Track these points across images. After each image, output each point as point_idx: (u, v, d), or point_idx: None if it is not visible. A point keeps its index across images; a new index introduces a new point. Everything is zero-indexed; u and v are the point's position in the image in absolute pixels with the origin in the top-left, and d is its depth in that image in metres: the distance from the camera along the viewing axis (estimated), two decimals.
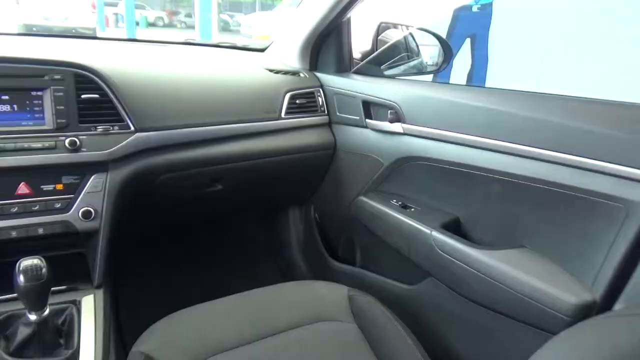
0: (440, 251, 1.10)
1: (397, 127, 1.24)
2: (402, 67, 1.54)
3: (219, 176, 1.32)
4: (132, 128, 1.10)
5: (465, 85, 3.44)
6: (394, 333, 0.99)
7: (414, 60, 1.60)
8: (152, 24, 19.51)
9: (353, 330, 1.01)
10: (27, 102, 1.02)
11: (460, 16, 4.85)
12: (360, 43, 1.59)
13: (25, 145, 0.99)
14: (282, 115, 1.36)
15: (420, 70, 1.60)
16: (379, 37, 1.56)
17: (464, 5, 4.80)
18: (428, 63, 1.61)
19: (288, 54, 1.55)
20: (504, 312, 1.00)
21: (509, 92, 1.11)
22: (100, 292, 1.04)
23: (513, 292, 0.96)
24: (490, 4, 4.75)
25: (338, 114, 1.44)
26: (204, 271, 1.72)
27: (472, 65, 4.96)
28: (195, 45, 1.75)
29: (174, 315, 1.00)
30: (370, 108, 1.35)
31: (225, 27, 17.75)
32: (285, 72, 1.46)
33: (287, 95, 1.38)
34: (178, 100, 1.21)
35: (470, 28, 4.85)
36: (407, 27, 1.68)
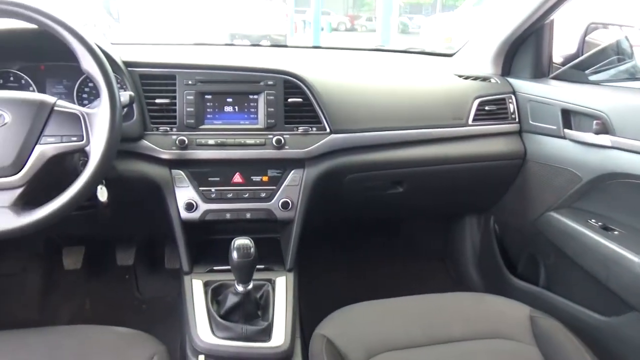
0: None
1: (604, 139, 1.11)
2: (610, 72, 1.38)
3: (402, 179, 1.35)
4: (328, 130, 1.20)
5: None
6: None
7: (625, 63, 1.42)
8: (334, 29, 20.66)
9: (534, 353, 0.95)
10: (246, 104, 1.19)
11: None
12: (560, 46, 1.47)
13: (242, 141, 1.16)
14: (470, 122, 1.34)
15: (633, 75, 1.42)
16: (586, 39, 1.42)
17: None
18: None
19: (479, 59, 1.51)
20: None
21: None
22: (291, 275, 1.16)
23: None
24: None
25: (531, 122, 1.35)
26: (376, 268, 1.78)
27: None
28: (384, 52, 1.82)
29: (352, 307, 1.07)
30: (570, 117, 1.24)
31: (404, 30, 17.86)
32: (475, 78, 1.43)
33: (476, 102, 1.35)
34: (369, 105, 1.28)
35: None
36: (620, 26, 1.49)
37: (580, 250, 1.17)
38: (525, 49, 1.42)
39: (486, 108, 1.36)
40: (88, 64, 0.89)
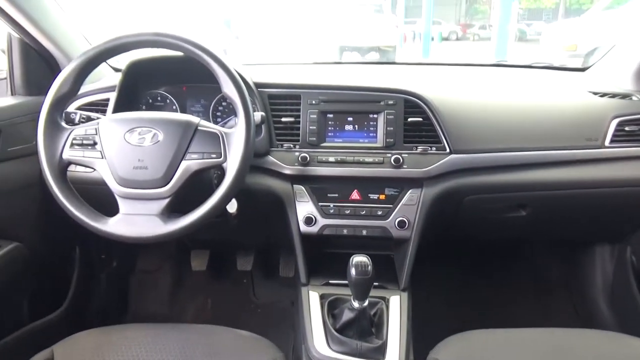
0: None
1: None
2: None
3: (525, 202, 1.28)
4: (448, 150, 1.18)
5: None
6: None
7: None
8: (445, 38, 20.17)
9: None
10: (365, 123, 1.22)
11: None
12: None
13: (361, 159, 1.19)
14: (606, 143, 1.23)
15: None
16: None
17: None
18: None
19: (618, 74, 1.38)
20: None
21: None
22: (405, 295, 1.15)
23: None
24: None
25: None
26: (490, 293, 1.70)
27: None
28: (506, 67, 1.74)
29: (470, 333, 1.03)
30: None
31: (521, 37, 16.90)
32: (613, 95, 1.31)
33: (615, 122, 1.24)
34: (491, 125, 1.24)
35: None
36: None
37: None
38: None
39: (626, 129, 1.24)
40: (228, 88, 0.97)
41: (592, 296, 1.60)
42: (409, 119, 1.19)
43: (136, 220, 0.96)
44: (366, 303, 1.01)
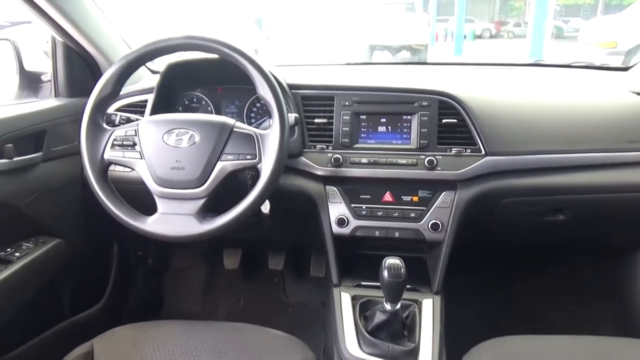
0: None
1: None
2: None
3: (564, 206, 1.25)
4: (483, 152, 1.16)
5: None
6: None
7: None
8: (478, 36, 19.84)
9: None
10: (399, 124, 1.21)
11: None
12: None
13: (394, 160, 1.18)
14: None
15: None
16: None
17: None
18: None
19: None
20: None
21: None
22: (438, 299, 1.14)
23: None
24: None
25: None
26: (528, 299, 1.66)
27: None
28: (544, 67, 1.69)
29: (505, 339, 1.01)
30: None
31: (558, 34, 16.45)
32: None
33: None
34: (528, 126, 1.21)
35: None
36: None
37: None
38: None
39: None
40: (263, 90, 0.98)
41: (632, 303, 1.54)
42: (444, 120, 1.18)
43: (173, 219, 0.98)
44: (398, 306, 1.00)
